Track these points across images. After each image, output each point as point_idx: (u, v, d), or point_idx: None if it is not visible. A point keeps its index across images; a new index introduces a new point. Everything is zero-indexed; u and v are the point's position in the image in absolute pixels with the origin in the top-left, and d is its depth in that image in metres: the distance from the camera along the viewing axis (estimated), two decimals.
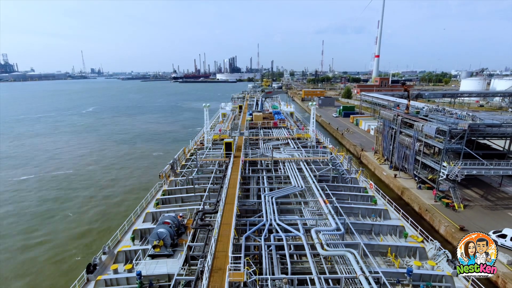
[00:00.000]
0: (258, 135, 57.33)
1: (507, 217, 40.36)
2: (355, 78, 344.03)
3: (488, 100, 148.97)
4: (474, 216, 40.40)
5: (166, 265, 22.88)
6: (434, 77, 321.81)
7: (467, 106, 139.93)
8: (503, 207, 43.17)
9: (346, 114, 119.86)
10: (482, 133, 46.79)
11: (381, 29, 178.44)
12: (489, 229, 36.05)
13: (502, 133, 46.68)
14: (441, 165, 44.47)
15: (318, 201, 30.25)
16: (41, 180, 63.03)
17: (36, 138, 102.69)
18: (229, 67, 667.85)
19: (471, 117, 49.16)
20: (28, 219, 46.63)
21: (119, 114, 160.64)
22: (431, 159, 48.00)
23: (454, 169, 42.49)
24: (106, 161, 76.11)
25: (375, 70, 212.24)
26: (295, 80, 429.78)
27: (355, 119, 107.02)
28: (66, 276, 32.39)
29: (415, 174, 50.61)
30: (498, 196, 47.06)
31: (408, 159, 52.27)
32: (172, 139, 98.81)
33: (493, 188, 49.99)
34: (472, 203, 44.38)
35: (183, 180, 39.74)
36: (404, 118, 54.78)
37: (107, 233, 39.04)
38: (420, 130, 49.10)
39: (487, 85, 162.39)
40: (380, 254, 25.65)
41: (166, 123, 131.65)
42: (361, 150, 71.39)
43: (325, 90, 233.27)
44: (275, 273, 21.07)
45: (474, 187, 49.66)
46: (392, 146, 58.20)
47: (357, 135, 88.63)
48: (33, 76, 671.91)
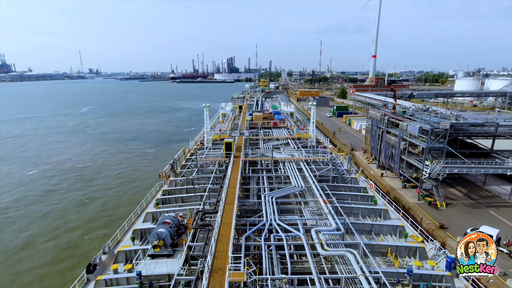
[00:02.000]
0: (258, 135, 57.31)
1: (488, 215, 40.64)
2: (352, 79, 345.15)
3: (481, 100, 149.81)
4: (455, 214, 40.70)
5: (166, 265, 22.89)
6: (431, 77, 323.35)
7: (461, 106, 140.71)
8: (485, 205, 43.53)
9: (339, 114, 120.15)
10: (466, 132, 47.18)
11: (377, 29, 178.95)
12: (469, 226, 36.38)
13: (485, 132, 47.02)
14: (424, 164, 44.81)
15: (318, 201, 30.24)
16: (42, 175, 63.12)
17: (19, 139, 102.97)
18: (227, 67, 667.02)
19: (455, 117, 49.24)
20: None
21: (112, 116, 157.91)
22: (415, 158, 48.31)
23: (436, 168, 42.74)
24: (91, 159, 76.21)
25: (371, 70, 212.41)
26: (293, 80, 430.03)
27: (348, 119, 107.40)
28: None
29: (401, 173, 50.94)
30: (481, 194, 47.44)
31: (394, 158, 52.73)
32: (159, 140, 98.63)
33: (477, 186, 50.34)
34: (455, 201, 44.74)
35: (183, 180, 39.74)
36: (390, 118, 55.12)
37: (107, 234, 39.06)
38: (404, 130, 49.48)
39: (481, 85, 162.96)
40: (380, 254, 25.65)
41: (156, 123, 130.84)
42: (350, 149, 71.60)
43: (321, 90, 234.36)
44: (275, 273, 21.06)
45: (459, 185, 50.04)
46: (379, 146, 58.66)
47: (349, 135, 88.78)
48: (30, 76, 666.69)
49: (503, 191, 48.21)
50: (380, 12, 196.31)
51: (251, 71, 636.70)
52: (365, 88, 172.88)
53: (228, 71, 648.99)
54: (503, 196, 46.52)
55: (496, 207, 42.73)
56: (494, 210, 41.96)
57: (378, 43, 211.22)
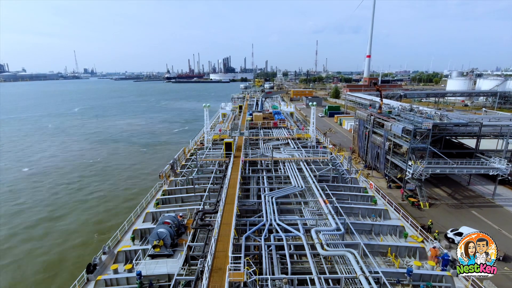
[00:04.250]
0: (258, 135, 57.27)
1: (471, 215, 40.76)
2: (347, 78, 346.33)
3: (473, 100, 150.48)
4: (437, 215, 40.88)
5: (166, 265, 22.86)
6: (425, 77, 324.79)
7: (452, 105, 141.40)
8: (468, 206, 43.75)
9: (331, 114, 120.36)
10: (450, 132, 47.11)
11: (372, 29, 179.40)
12: (450, 227, 36.64)
13: (469, 132, 47.08)
14: (407, 164, 44.66)
15: (318, 201, 30.23)
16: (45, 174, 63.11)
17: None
18: (223, 67, 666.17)
19: (439, 117, 49.14)
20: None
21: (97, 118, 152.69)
22: (399, 158, 48.20)
23: (418, 168, 42.68)
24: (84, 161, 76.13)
25: (366, 70, 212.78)
26: (288, 80, 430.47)
27: (339, 119, 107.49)
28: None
29: (386, 173, 50.85)
30: (465, 194, 47.62)
31: (380, 158, 52.65)
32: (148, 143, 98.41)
33: (462, 186, 50.48)
34: (439, 201, 44.89)
35: (183, 180, 39.73)
36: (376, 118, 55.05)
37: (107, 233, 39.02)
38: (389, 130, 49.42)
39: (473, 84, 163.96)
40: (380, 254, 25.64)
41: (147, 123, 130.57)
42: (337, 150, 71.55)
43: (315, 90, 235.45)
44: (275, 273, 21.03)
45: (444, 185, 50.16)
46: (366, 146, 58.65)
47: (339, 135, 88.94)
48: (24, 77, 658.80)
49: (487, 191, 48.30)
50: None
51: (247, 71, 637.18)
52: (358, 88, 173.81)
53: (224, 71, 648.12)
54: (486, 196, 46.66)
55: (479, 207, 42.83)
56: (476, 210, 42.04)
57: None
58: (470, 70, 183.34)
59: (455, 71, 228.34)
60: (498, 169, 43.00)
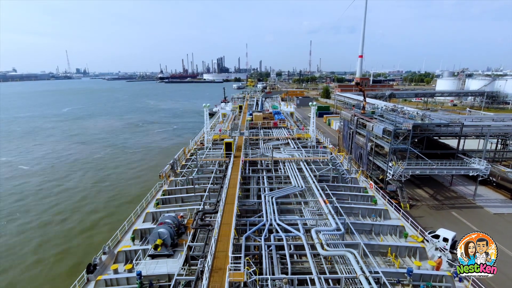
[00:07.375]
0: (258, 135, 57.28)
1: (451, 216, 40.54)
2: (340, 78, 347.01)
3: (462, 100, 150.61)
4: (417, 216, 40.56)
5: (166, 265, 22.86)
6: (417, 77, 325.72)
7: (441, 105, 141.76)
8: (449, 207, 43.50)
9: (320, 114, 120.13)
10: (432, 132, 46.82)
11: (364, 29, 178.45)
12: (429, 228, 36.41)
13: (451, 132, 46.83)
14: (388, 165, 44.39)
15: (318, 201, 30.24)
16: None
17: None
18: (217, 67, 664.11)
19: (421, 117, 48.82)
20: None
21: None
22: (380, 159, 47.94)
23: (398, 169, 42.48)
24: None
25: (358, 70, 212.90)
26: (281, 80, 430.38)
27: (328, 119, 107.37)
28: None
29: (368, 174, 50.62)
30: (447, 195, 47.31)
31: (363, 159, 52.37)
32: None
33: (444, 187, 50.21)
34: (420, 202, 44.66)
35: (183, 180, 39.72)
36: (359, 118, 54.79)
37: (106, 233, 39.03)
38: (371, 130, 49.07)
39: (462, 84, 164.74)
40: (380, 254, 25.63)
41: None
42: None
43: (307, 90, 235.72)
44: (275, 273, 21.03)
45: (426, 186, 49.85)
46: (350, 146, 58.41)
47: (327, 135, 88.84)
48: (14, 77, 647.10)
49: (468, 191, 48.09)
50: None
51: (241, 71, 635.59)
52: (349, 88, 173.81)
53: (218, 71, 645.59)
54: (468, 197, 46.39)
55: (459, 208, 42.63)
56: (456, 211, 41.86)
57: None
58: (461, 70, 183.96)
59: (446, 71, 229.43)
60: (477, 169, 42.76)
